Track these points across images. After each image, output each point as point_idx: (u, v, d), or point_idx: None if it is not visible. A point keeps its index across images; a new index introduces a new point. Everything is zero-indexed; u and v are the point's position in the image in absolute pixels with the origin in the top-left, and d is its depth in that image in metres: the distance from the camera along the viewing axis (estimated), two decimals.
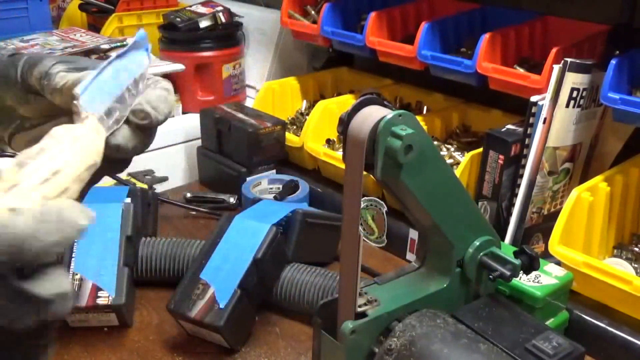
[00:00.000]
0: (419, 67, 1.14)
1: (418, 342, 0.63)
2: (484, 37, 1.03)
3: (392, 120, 0.61)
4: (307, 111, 1.40)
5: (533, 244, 0.99)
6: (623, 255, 0.95)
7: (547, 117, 0.92)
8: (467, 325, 0.68)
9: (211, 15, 1.44)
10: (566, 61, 0.90)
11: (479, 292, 0.75)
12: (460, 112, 1.28)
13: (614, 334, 0.82)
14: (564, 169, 0.97)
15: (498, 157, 0.98)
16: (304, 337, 0.87)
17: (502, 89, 1.04)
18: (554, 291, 0.79)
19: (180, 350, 0.85)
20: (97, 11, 1.76)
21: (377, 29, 1.20)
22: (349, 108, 0.64)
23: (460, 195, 0.70)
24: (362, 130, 0.63)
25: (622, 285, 0.81)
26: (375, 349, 0.66)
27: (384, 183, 0.66)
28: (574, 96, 0.91)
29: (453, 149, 1.17)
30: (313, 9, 1.37)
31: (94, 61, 0.49)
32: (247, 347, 0.85)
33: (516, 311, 0.73)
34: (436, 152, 0.67)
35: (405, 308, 0.68)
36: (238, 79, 1.50)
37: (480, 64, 1.03)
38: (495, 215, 1.00)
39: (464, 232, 0.72)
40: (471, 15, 1.19)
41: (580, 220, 0.90)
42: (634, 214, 1.00)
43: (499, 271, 0.70)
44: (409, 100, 1.36)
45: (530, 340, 0.66)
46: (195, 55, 1.44)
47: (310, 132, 1.22)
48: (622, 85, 0.90)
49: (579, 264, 0.84)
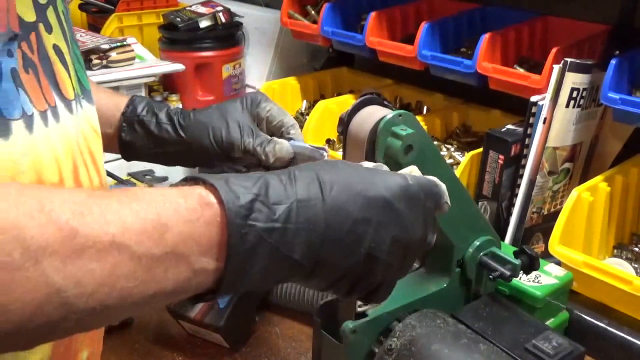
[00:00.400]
0: (419, 67, 1.14)
1: (418, 342, 0.63)
2: (484, 37, 1.03)
3: (392, 120, 0.61)
4: (307, 111, 1.40)
5: (533, 244, 0.99)
6: (623, 255, 0.95)
7: (547, 117, 0.92)
8: (467, 325, 0.68)
9: (211, 15, 1.44)
10: (566, 61, 0.90)
11: (479, 292, 0.75)
12: (460, 112, 1.27)
13: (614, 334, 0.82)
14: (564, 169, 0.97)
15: (498, 157, 0.98)
16: (304, 337, 0.87)
17: (502, 89, 1.04)
18: (554, 291, 0.78)
19: (180, 350, 0.85)
20: (97, 11, 1.76)
21: (377, 29, 1.20)
22: (349, 108, 0.64)
23: (460, 195, 0.70)
24: (362, 130, 0.63)
25: (622, 285, 0.81)
26: (376, 349, 0.66)
27: None
28: (574, 96, 0.91)
29: (453, 149, 1.17)
30: (313, 9, 1.36)
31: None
32: (247, 347, 0.85)
33: (516, 311, 0.73)
34: (436, 152, 0.67)
35: (405, 308, 0.68)
36: (238, 79, 1.50)
37: (480, 64, 1.03)
38: (495, 215, 1.00)
39: (464, 232, 0.72)
40: (471, 15, 1.19)
41: (580, 220, 0.90)
42: (634, 214, 1.00)
43: (499, 271, 0.70)
44: (409, 100, 1.36)
45: (530, 340, 0.66)
46: (195, 55, 1.43)
47: (310, 132, 1.22)
48: (622, 85, 0.90)
49: (579, 264, 0.84)
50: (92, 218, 0.39)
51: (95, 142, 0.61)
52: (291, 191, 0.46)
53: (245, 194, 0.44)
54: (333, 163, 0.52)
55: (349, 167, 0.51)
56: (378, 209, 0.49)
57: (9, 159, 0.47)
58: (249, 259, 0.44)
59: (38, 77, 0.51)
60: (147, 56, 1.44)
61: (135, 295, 0.41)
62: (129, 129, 0.80)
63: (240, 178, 0.46)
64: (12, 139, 0.47)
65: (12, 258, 0.35)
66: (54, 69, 0.55)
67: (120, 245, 0.39)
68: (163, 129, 0.79)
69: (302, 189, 0.47)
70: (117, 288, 0.39)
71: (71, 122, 0.55)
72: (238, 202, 0.44)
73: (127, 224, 0.40)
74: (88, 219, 0.38)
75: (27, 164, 0.48)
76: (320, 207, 0.47)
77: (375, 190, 0.50)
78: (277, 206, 0.45)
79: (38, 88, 0.51)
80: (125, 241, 0.39)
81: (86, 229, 0.38)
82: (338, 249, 0.48)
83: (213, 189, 0.44)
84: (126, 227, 0.40)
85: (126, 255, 0.39)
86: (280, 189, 0.46)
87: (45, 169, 0.50)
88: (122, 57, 1.35)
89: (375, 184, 0.50)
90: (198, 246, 0.42)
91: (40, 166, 0.50)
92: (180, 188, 0.45)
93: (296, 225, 0.46)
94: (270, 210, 0.45)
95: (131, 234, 0.40)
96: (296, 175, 0.48)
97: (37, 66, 0.51)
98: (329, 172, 0.49)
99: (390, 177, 0.51)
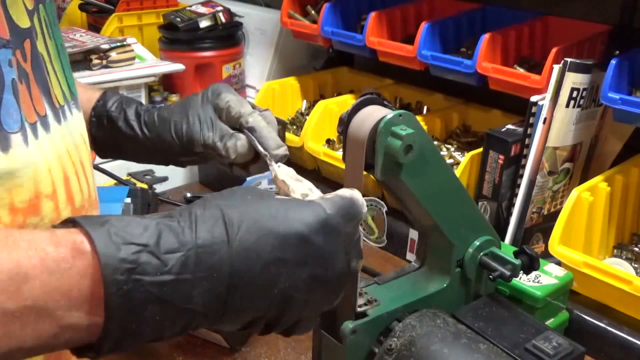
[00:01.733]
0: (419, 67, 1.14)
1: (418, 342, 0.63)
2: (484, 37, 1.03)
3: (392, 120, 0.61)
4: (307, 111, 1.40)
5: (533, 244, 0.99)
6: (623, 255, 0.95)
7: (547, 117, 0.92)
8: (467, 325, 0.68)
9: (211, 15, 1.44)
10: (566, 61, 0.90)
11: (479, 292, 0.75)
12: (460, 112, 1.28)
13: (614, 334, 0.82)
14: (564, 169, 0.97)
15: (498, 157, 0.98)
16: (304, 337, 0.87)
17: (502, 89, 1.04)
18: (554, 291, 0.78)
19: (180, 350, 0.85)
20: (97, 11, 1.76)
21: (377, 29, 1.20)
22: (349, 108, 0.64)
23: (460, 195, 0.70)
24: (362, 130, 0.63)
25: (622, 285, 0.81)
26: (376, 349, 0.66)
27: (384, 183, 0.66)
28: (574, 96, 0.91)
29: (453, 149, 1.17)
30: (313, 9, 1.36)
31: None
32: (247, 347, 0.85)
33: (516, 311, 0.73)
34: (436, 152, 0.67)
35: (405, 308, 0.68)
36: (238, 79, 1.50)
37: (480, 64, 1.03)
38: (495, 215, 1.00)
39: (464, 232, 0.71)
40: (471, 15, 1.19)
41: (580, 220, 0.90)
42: (634, 214, 1.00)
43: (499, 271, 0.70)
44: (409, 100, 1.36)
45: (530, 340, 0.66)
46: (195, 55, 1.44)
47: (310, 132, 1.22)
48: (622, 85, 0.90)
49: (579, 264, 0.84)
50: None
51: (85, 151, 0.59)
52: (190, 236, 0.42)
53: (129, 245, 0.40)
54: (242, 195, 0.47)
55: (259, 200, 0.47)
56: (293, 247, 0.45)
57: (8, 172, 0.46)
58: (136, 317, 0.40)
59: (29, 87, 0.50)
60: (147, 56, 1.44)
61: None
62: (97, 123, 0.77)
63: (132, 224, 0.41)
64: (11, 152, 0.46)
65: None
66: (46, 76, 0.53)
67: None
68: (129, 125, 0.75)
69: (204, 231, 0.43)
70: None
71: (60, 133, 0.54)
72: (118, 254, 0.39)
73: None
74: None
75: (25, 176, 0.48)
76: (225, 252, 0.43)
77: (289, 226, 0.45)
78: (169, 255, 0.41)
79: (29, 99, 0.50)
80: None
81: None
82: (247, 293, 0.44)
83: (89, 236, 0.40)
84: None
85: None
86: (174, 235, 0.42)
87: (41, 181, 0.50)
88: (122, 57, 1.35)
89: (288, 220, 0.46)
90: (66, 300, 0.38)
91: (38, 178, 0.49)
92: (54, 232, 0.40)
93: (194, 274, 0.42)
94: (160, 261, 0.40)
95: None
96: (197, 216, 0.44)
97: (29, 75, 0.50)
98: (237, 208, 0.45)
99: (306, 210, 0.47)
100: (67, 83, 0.58)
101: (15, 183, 0.47)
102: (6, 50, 0.47)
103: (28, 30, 0.51)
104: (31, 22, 0.52)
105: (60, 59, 0.58)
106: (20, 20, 0.50)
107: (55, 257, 0.38)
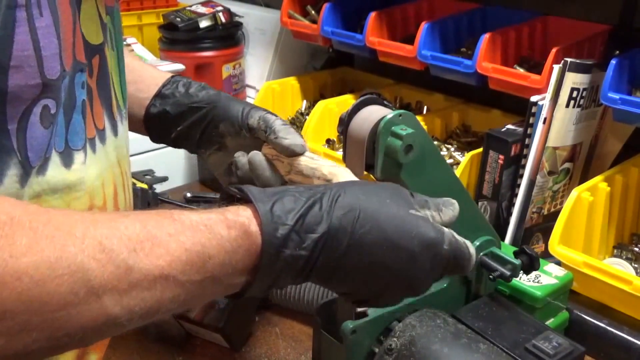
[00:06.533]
0: (419, 67, 1.14)
1: (418, 342, 0.63)
2: (484, 37, 1.03)
3: (392, 120, 0.61)
4: (307, 111, 1.40)
5: (533, 244, 0.99)
6: (623, 255, 0.95)
7: (547, 117, 0.92)
8: (467, 325, 0.68)
9: (211, 15, 1.44)
10: (566, 61, 0.90)
11: (479, 292, 0.75)
12: (460, 112, 1.28)
13: (614, 334, 0.82)
14: (564, 169, 0.97)
15: (498, 157, 0.98)
16: (304, 337, 0.87)
17: (502, 89, 1.04)
18: (554, 291, 0.78)
19: (180, 350, 0.85)
20: None
21: (377, 29, 1.20)
22: (349, 108, 0.64)
23: (460, 195, 0.70)
24: (362, 130, 0.63)
25: (622, 285, 0.81)
26: (376, 349, 0.66)
27: None
28: (574, 96, 0.91)
29: (453, 149, 1.17)
30: (313, 9, 1.36)
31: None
32: (247, 347, 0.85)
33: (516, 311, 0.73)
34: (436, 152, 0.67)
35: (405, 308, 0.68)
36: (238, 79, 1.50)
37: (480, 64, 1.03)
38: (495, 215, 1.00)
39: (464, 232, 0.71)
40: (471, 15, 1.19)
41: (580, 220, 0.90)
42: (634, 214, 1.00)
43: (499, 271, 0.70)
44: (409, 100, 1.36)
45: (530, 340, 0.66)
46: (195, 55, 1.43)
47: (310, 132, 1.22)
48: (622, 85, 0.90)
49: (579, 264, 0.84)
50: (144, 254, 0.44)
51: (127, 160, 0.63)
52: (326, 219, 0.50)
53: (285, 224, 0.48)
54: (382, 194, 0.53)
55: (394, 207, 0.52)
56: (401, 259, 0.52)
57: (68, 187, 0.52)
58: (273, 279, 0.50)
59: (92, 102, 0.54)
60: (147, 56, 1.44)
61: (175, 310, 0.47)
62: (160, 103, 0.74)
63: (286, 198, 0.49)
64: (73, 168, 0.52)
65: (78, 296, 0.41)
66: (110, 88, 0.57)
67: (168, 275, 0.44)
68: (193, 94, 0.73)
69: (337, 218, 0.50)
70: (162, 310, 0.45)
71: (113, 145, 0.58)
72: (276, 234, 0.48)
73: (174, 256, 0.45)
74: (141, 255, 0.43)
75: (82, 190, 0.53)
76: (345, 240, 0.50)
77: (408, 242, 0.52)
78: (309, 235, 0.49)
79: (91, 115, 0.54)
80: (172, 272, 0.45)
81: (140, 264, 0.43)
82: (350, 276, 0.52)
83: (256, 215, 0.48)
84: (173, 259, 0.45)
85: (172, 282, 0.45)
86: (317, 216, 0.49)
87: (96, 195, 0.55)
88: None
89: (410, 235, 0.52)
90: (234, 270, 0.48)
91: (93, 192, 0.55)
92: (225, 215, 0.48)
93: (320, 253, 0.50)
94: (300, 239, 0.49)
95: (177, 264, 0.45)
96: (339, 200, 0.51)
97: (93, 91, 0.54)
98: (373, 205, 0.51)
99: (430, 232, 0.53)
100: (121, 90, 0.61)
101: (73, 197, 0.53)
102: (82, 74, 0.51)
103: (100, 47, 0.54)
104: (104, 37, 0.54)
105: (119, 66, 0.60)
106: (91, 37, 0.53)
107: (228, 239, 0.47)
